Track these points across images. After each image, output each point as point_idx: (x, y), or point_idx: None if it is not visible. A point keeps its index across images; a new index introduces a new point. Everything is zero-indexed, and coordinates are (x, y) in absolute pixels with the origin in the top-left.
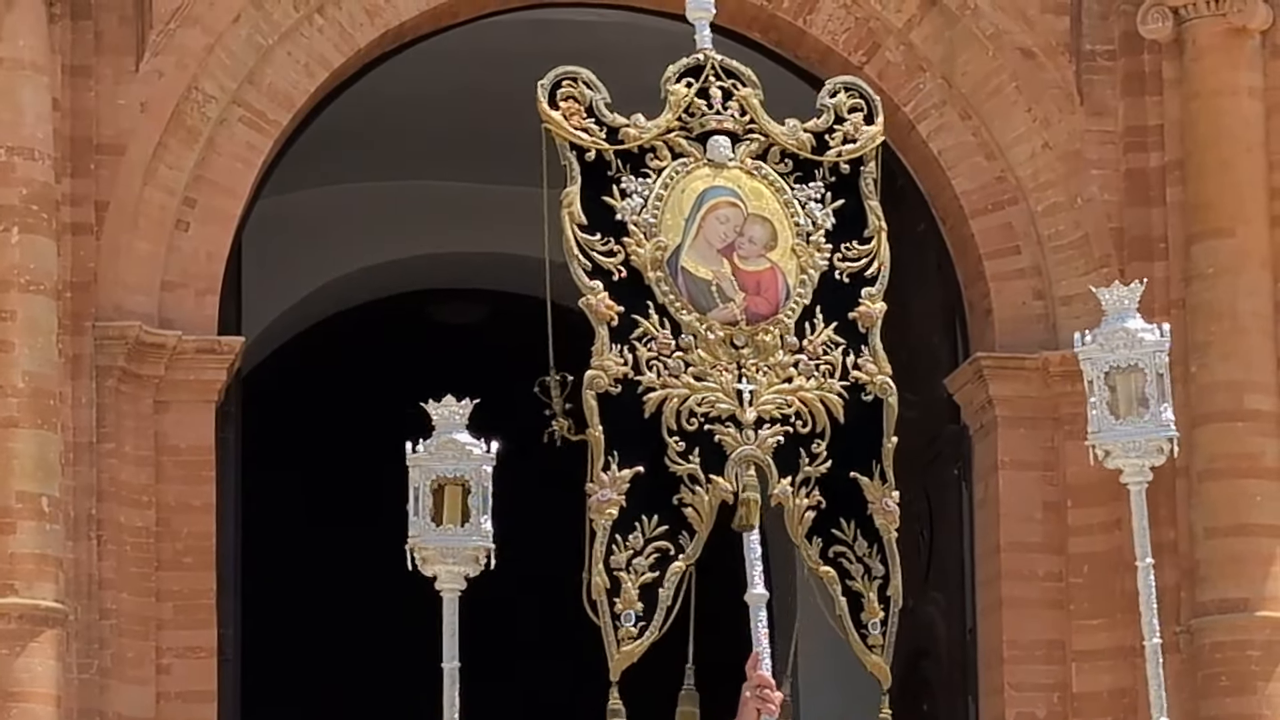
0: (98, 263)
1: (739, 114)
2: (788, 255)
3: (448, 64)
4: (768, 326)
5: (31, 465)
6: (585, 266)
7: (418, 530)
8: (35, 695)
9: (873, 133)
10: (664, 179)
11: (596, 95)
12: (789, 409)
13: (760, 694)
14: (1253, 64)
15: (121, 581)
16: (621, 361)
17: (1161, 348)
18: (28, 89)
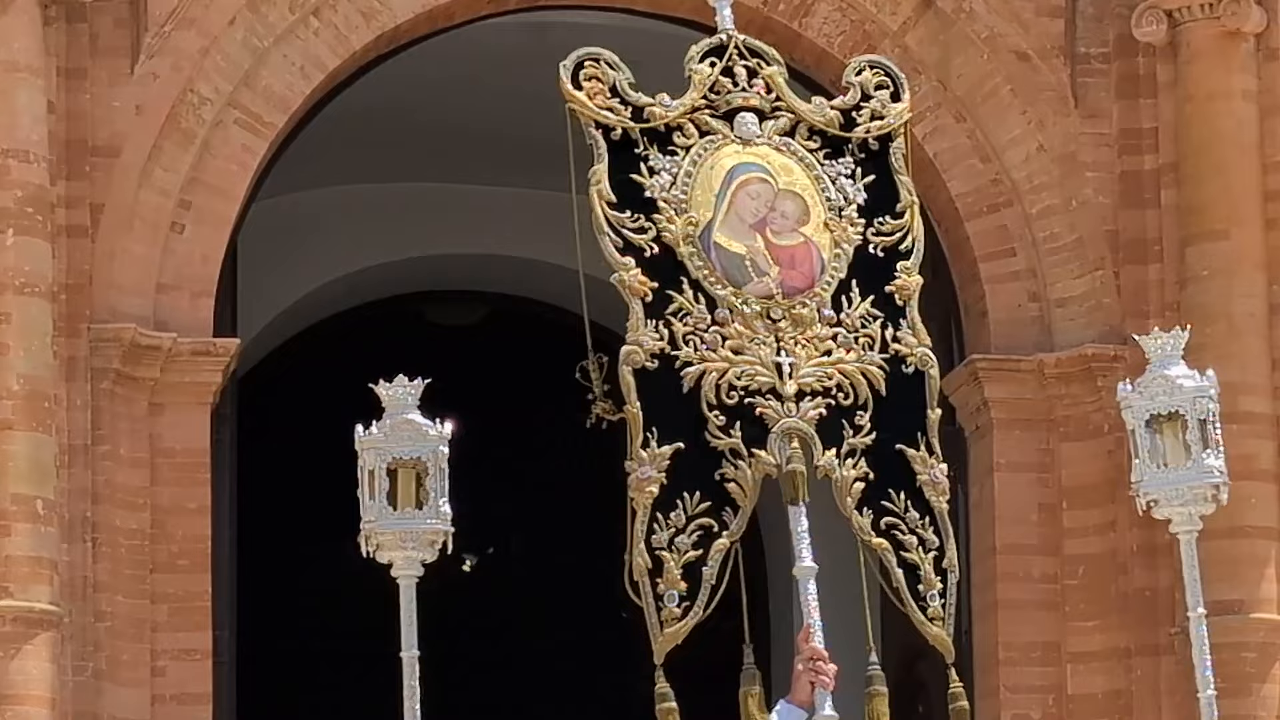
0: (93, 265)
1: (765, 92)
2: (820, 230)
3: (443, 66)
4: (804, 300)
5: (26, 468)
6: (616, 243)
7: (373, 515)
8: (30, 698)
9: (900, 109)
10: (692, 156)
11: (620, 75)
12: (830, 381)
13: (814, 666)
14: (1246, 67)
15: (116, 584)
16: (657, 337)
17: (1204, 393)
18: (22, 91)
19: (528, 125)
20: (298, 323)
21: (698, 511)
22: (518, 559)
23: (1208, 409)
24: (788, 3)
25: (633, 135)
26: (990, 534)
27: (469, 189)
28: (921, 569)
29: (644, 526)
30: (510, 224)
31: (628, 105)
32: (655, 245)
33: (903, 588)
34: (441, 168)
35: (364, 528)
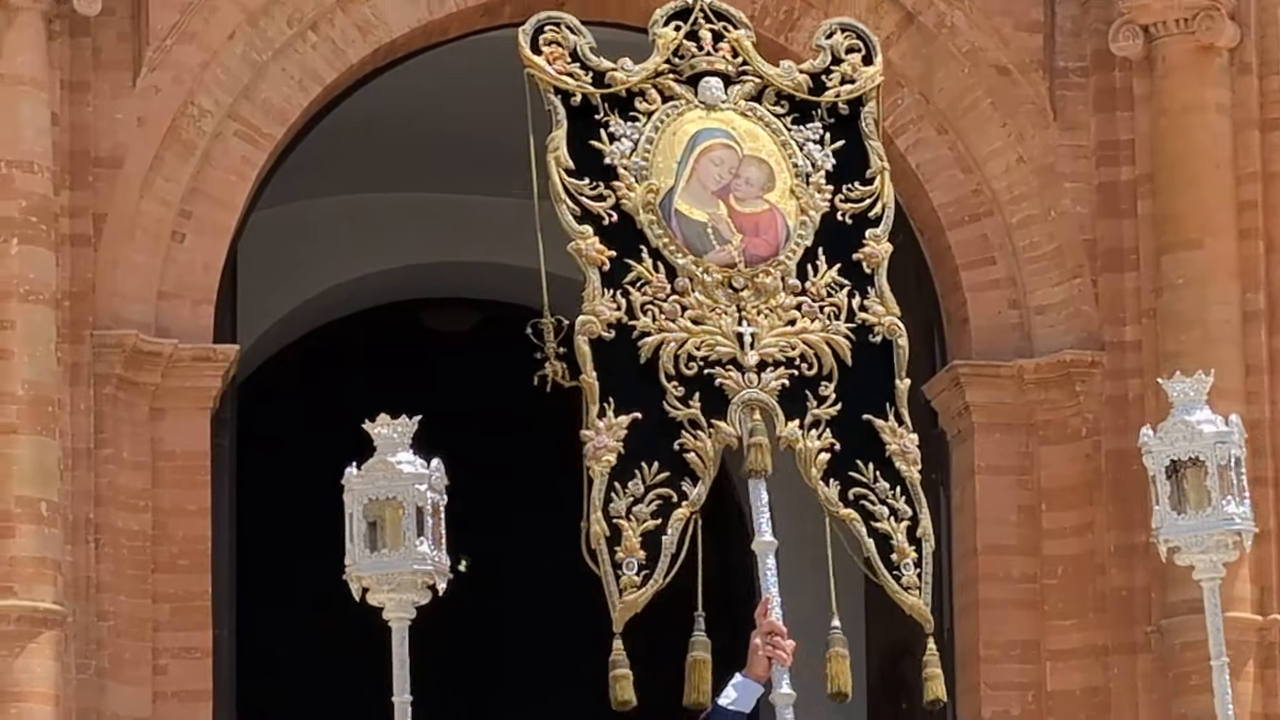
0: (95, 273)
1: (731, 56)
2: (786, 197)
3: (438, 79)
4: (768, 268)
5: (31, 470)
6: (574, 211)
7: (353, 558)
8: (34, 695)
9: (872, 72)
10: (654, 122)
11: (581, 40)
12: (793, 351)
13: (771, 641)
14: (1221, 81)
15: (119, 584)
16: (614, 306)
17: (1225, 439)
18: (27, 104)
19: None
20: (296, 329)
21: (656, 481)
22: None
23: (1230, 455)
24: (774, 18)
25: (593, 101)
26: (971, 535)
27: (463, 199)
28: (894, 539)
29: (601, 495)
30: (503, 233)
31: (589, 70)
32: (614, 213)
33: (874, 557)
34: (436, 178)
35: (347, 571)
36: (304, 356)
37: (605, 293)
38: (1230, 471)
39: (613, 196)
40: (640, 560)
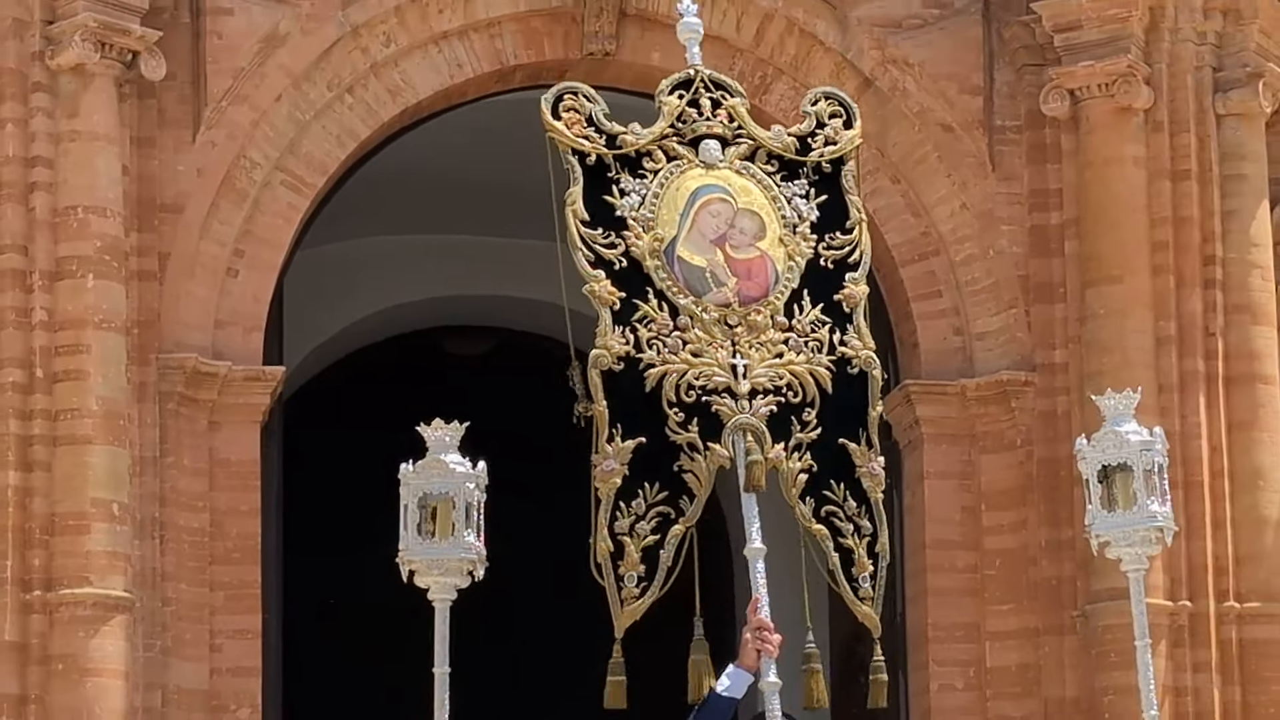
0: (160, 304)
1: (728, 120)
2: (776, 244)
3: (458, 136)
4: (759, 308)
5: (104, 476)
6: (589, 257)
7: (406, 544)
8: (107, 671)
9: (852, 135)
10: (659, 179)
11: (595, 107)
12: (780, 381)
13: (761, 635)
14: (1137, 138)
15: (180, 574)
16: (624, 341)
17: (1149, 447)
18: (101, 157)
19: (530, 184)
20: (335, 353)
21: (657, 500)
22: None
23: (1154, 461)
24: (749, 82)
25: (606, 160)
26: (921, 532)
27: (479, 239)
28: (856, 553)
29: (607, 514)
30: (515, 269)
31: (602, 133)
32: (624, 259)
33: (838, 570)
34: (456, 221)
35: (399, 555)
36: (342, 376)
37: (615, 329)
38: (1154, 476)
39: (623, 244)
40: (640, 574)
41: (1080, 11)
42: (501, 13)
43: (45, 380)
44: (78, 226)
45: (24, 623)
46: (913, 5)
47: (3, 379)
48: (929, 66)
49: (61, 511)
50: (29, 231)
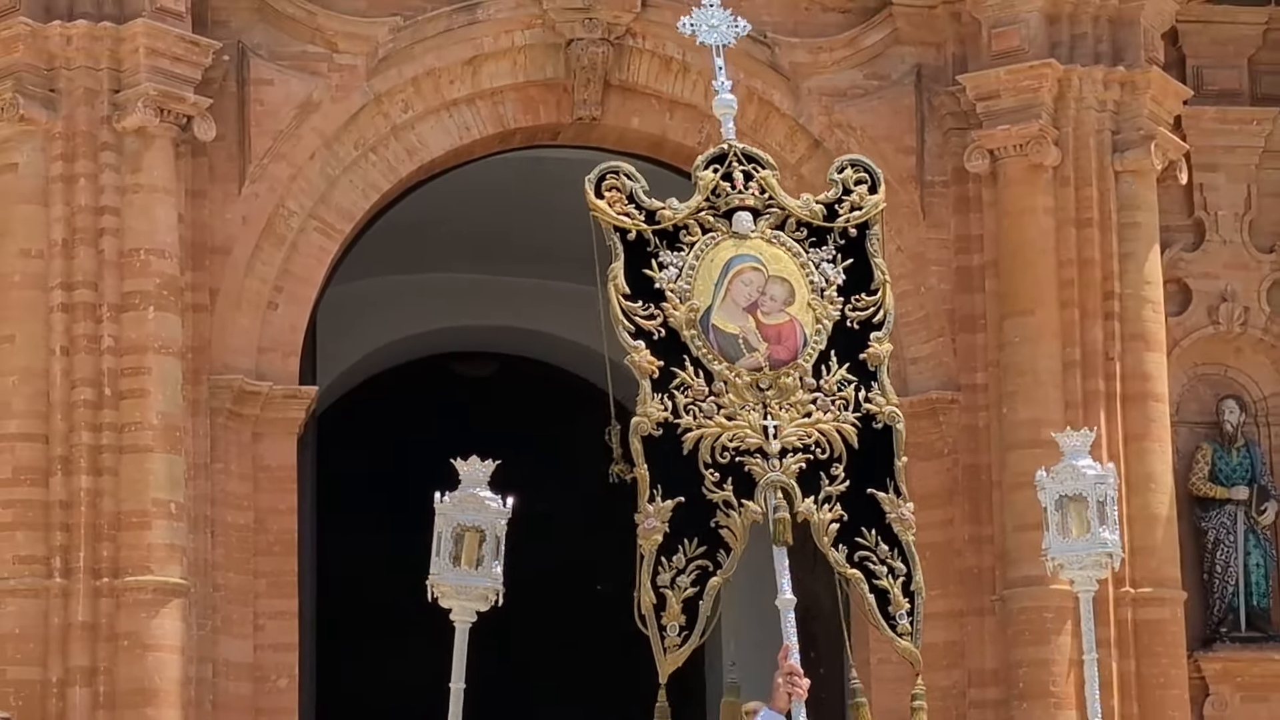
0: (210, 333)
1: (759, 192)
2: (804, 309)
3: (465, 189)
4: (788, 370)
5: (163, 479)
6: (629, 329)
7: (437, 569)
8: (165, 647)
9: (876, 200)
10: (695, 251)
11: (636, 185)
12: (809, 439)
13: (791, 680)
14: (1047, 191)
15: (228, 564)
16: (662, 408)
17: (1103, 480)
18: (160, 207)
19: (528, 231)
20: (360, 374)
21: (695, 555)
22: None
23: (1106, 493)
24: (716, 141)
25: (645, 235)
26: None
27: (484, 277)
28: (891, 593)
29: (649, 569)
30: (516, 303)
31: (642, 210)
32: (663, 329)
33: (874, 609)
34: (464, 262)
35: (430, 579)
36: (366, 395)
37: (655, 397)
38: (1106, 506)
39: (661, 315)
40: (681, 623)
41: (998, 83)
42: (503, 83)
43: (113, 398)
44: (140, 266)
45: (94, 605)
46: (855, 77)
47: (75, 397)
48: (869, 130)
49: (126, 510)
50: (99, 270)
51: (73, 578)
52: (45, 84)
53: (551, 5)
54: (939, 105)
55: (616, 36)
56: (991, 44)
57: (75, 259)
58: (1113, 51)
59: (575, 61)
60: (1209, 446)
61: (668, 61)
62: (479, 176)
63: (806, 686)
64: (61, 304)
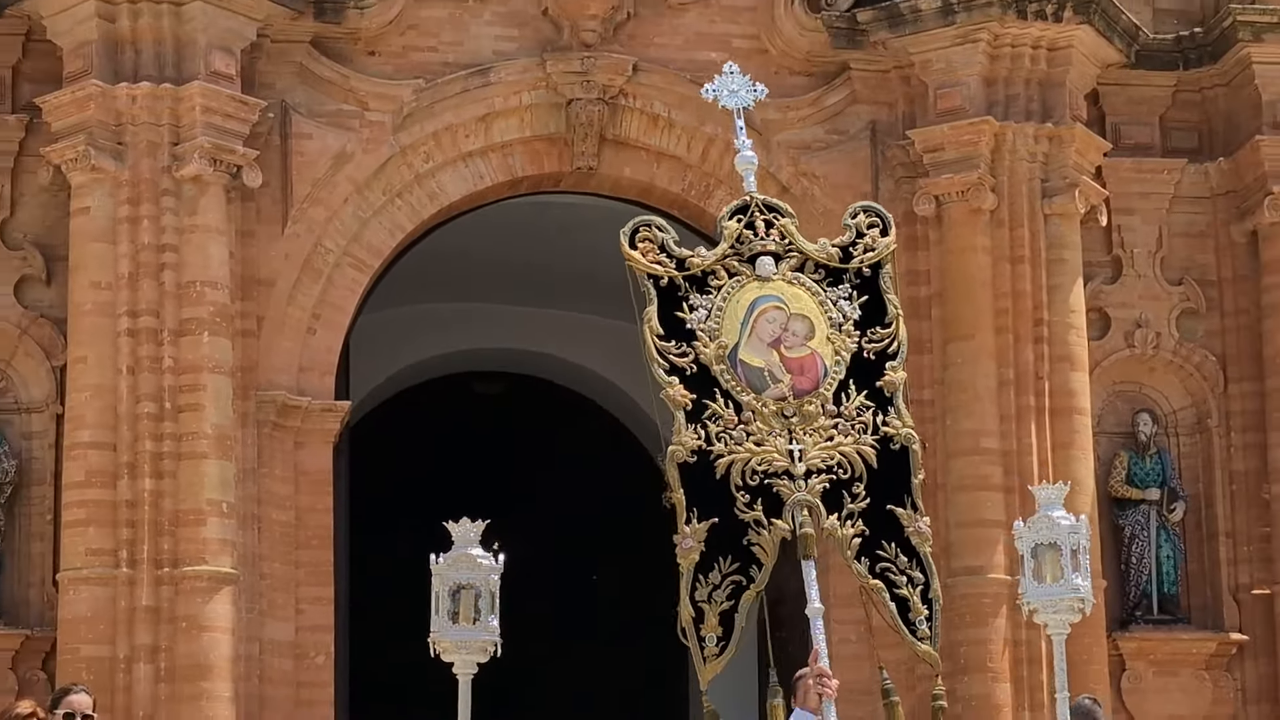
0: (258, 354)
1: (779, 238)
2: (824, 342)
3: (479, 229)
4: (811, 399)
5: (216, 482)
6: (664, 366)
7: (437, 627)
8: (218, 628)
9: (888, 241)
10: (722, 294)
11: (666, 236)
12: (832, 461)
13: (821, 682)
14: (985, 232)
15: (273, 556)
16: (696, 437)
17: (1076, 530)
18: (214, 245)
19: (535, 267)
20: (388, 391)
21: (730, 571)
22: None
23: (1079, 542)
24: (697, 189)
25: (677, 281)
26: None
27: (497, 306)
28: (911, 601)
29: (688, 585)
30: (523, 329)
31: (672, 258)
32: (694, 366)
33: (895, 617)
34: (479, 292)
35: (430, 636)
36: (393, 409)
37: (689, 427)
38: (1078, 555)
39: (693, 353)
40: (718, 634)
41: (943, 138)
42: (512, 137)
43: (172, 411)
44: (196, 296)
45: (156, 592)
46: (818, 132)
47: (140, 410)
48: (830, 178)
49: (184, 509)
50: (160, 300)
51: (137, 568)
52: (114, 138)
53: (554, 69)
54: (891, 157)
55: (611, 97)
56: (937, 104)
57: (139, 290)
58: (1042, 110)
59: (575, 119)
60: (1125, 454)
61: (655, 119)
62: (491, 219)
63: (835, 687)
64: (128, 329)
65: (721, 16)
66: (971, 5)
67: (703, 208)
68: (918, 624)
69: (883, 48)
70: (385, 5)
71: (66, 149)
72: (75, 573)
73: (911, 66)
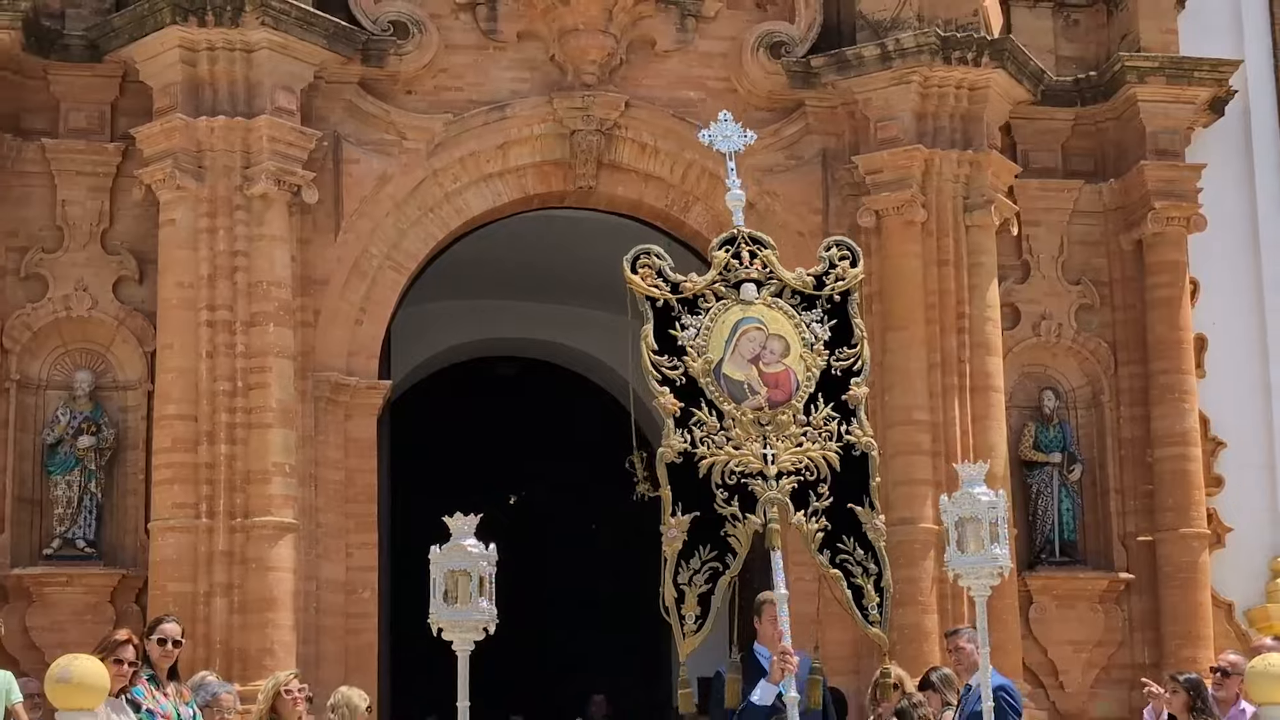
0: (314, 341)
1: (762, 267)
2: (797, 360)
3: (497, 237)
4: (784, 409)
5: (280, 448)
6: (657, 378)
7: (435, 609)
8: (282, 568)
9: (856, 272)
10: (710, 315)
11: (664, 263)
12: (800, 464)
13: (784, 659)
14: (917, 240)
15: (327, 508)
16: (683, 441)
17: (995, 506)
18: (278, 251)
19: (543, 269)
20: (423, 373)
21: (708, 558)
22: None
23: (997, 516)
24: (678, 204)
25: (670, 303)
26: None
27: (512, 302)
28: (865, 589)
29: (671, 570)
30: (534, 321)
31: (668, 283)
32: (683, 378)
33: (851, 603)
34: (498, 291)
35: (430, 616)
36: (427, 388)
37: (677, 432)
38: (997, 526)
39: (682, 366)
40: (697, 613)
41: (882, 162)
42: (525, 162)
43: (243, 389)
44: (263, 293)
45: (230, 538)
46: (779, 158)
47: (217, 388)
48: (788, 196)
49: (253, 469)
50: (233, 297)
51: (215, 518)
52: (195, 162)
53: (560, 106)
54: (839, 178)
55: (607, 129)
56: (877, 134)
57: (216, 288)
58: (964, 139)
59: (577, 147)
60: (1033, 424)
61: (644, 146)
62: (508, 229)
63: (795, 664)
64: (206, 321)
65: (699, 62)
66: (905, 52)
67: (682, 220)
68: (870, 610)
69: (832, 88)
70: (420, 52)
71: (156, 171)
72: (163, 523)
73: (856, 104)
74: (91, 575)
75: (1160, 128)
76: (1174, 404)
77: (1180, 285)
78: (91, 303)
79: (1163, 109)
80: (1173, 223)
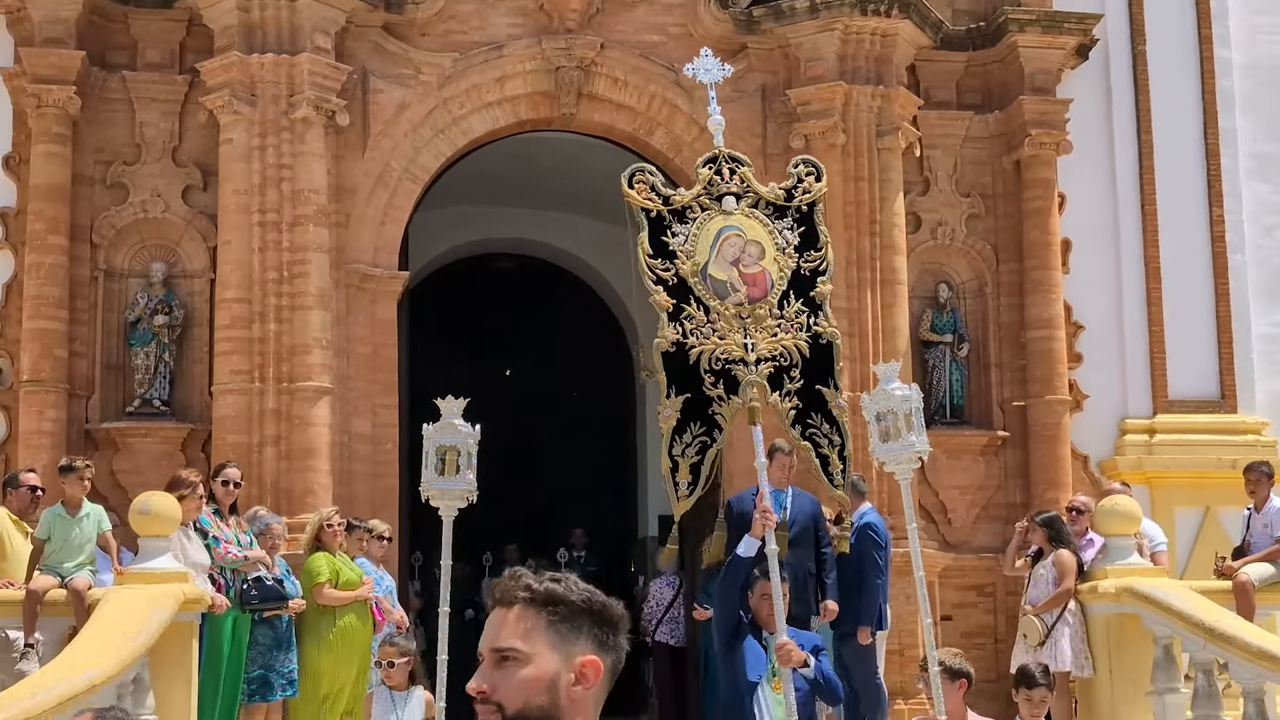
0: (346, 240)
1: (740, 182)
2: (772, 262)
3: (497, 154)
4: (761, 305)
5: (317, 326)
6: (651, 278)
7: (426, 479)
8: (320, 424)
9: (820, 186)
10: (697, 223)
11: (657, 179)
12: (776, 352)
13: (764, 516)
14: (839, 160)
15: (356, 376)
16: (675, 332)
17: (908, 399)
18: (316, 165)
19: (534, 181)
20: (434, 266)
21: (698, 434)
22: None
23: (911, 407)
24: (643, 128)
25: (663, 214)
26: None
27: (509, 209)
28: (830, 458)
29: (666, 443)
30: (529, 224)
31: (660, 196)
32: (675, 278)
33: (819, 470)
34: (498, 198)
35: (421, 486)
36: (439, 279)
37: (670, 325)
38: (911, 417)
39: (674, 269)
40: (688, 481)
41: (810, 96)
42: (518, 93)
43: (289, 277)
44: (304, 200)
45: (278, 399)
46: (726, 91)
47: (267, 277)
48: (735, 123)
49: (297, 343)
50: (280, 202)
51: (265, 383)
52: (249, 91)
53: (547, 47)
54: (775, 108)
55: (586, 65)
56: (806, 72)
57: (266, 195)
58: (877, 77)
59: (561, 81)
60: (930, 311)
61: (616, 80)
62: (504, 148)
63: (775, 520)
64: (258, 222)
65: (661, 11)
66: (830, 5)
67: (647, 141)
68: (835, 475)
69: (770, 34)
70: (433, 2)
71: (217, 99)
72: (224, 386)
73: (789, 47)
74: (165, 429)
75: (1036, 69)
76: (1043, 295)
77: (1050, 198)
78: (164, 206)
79: (1038, 54)
80: (1045, 147)
